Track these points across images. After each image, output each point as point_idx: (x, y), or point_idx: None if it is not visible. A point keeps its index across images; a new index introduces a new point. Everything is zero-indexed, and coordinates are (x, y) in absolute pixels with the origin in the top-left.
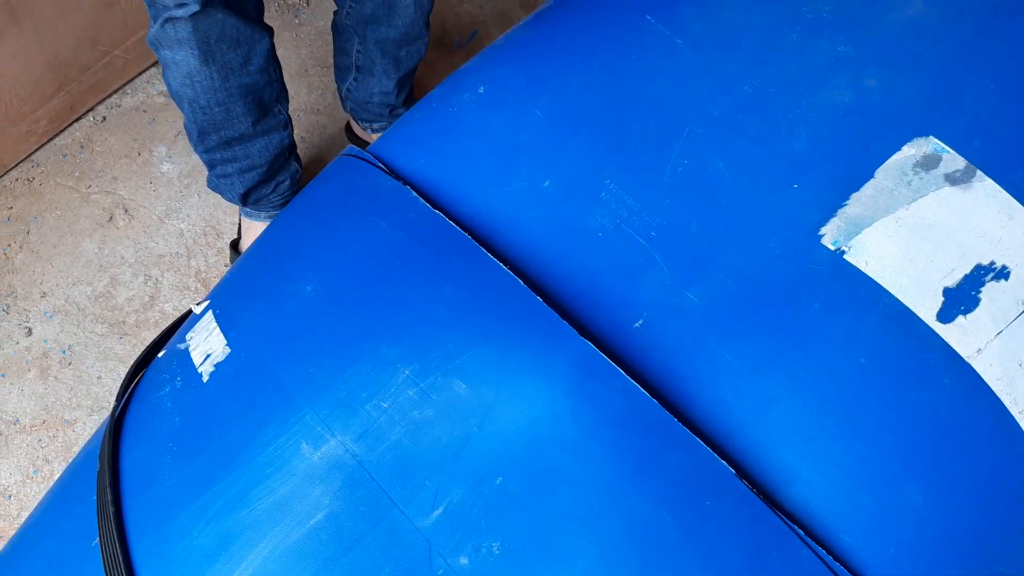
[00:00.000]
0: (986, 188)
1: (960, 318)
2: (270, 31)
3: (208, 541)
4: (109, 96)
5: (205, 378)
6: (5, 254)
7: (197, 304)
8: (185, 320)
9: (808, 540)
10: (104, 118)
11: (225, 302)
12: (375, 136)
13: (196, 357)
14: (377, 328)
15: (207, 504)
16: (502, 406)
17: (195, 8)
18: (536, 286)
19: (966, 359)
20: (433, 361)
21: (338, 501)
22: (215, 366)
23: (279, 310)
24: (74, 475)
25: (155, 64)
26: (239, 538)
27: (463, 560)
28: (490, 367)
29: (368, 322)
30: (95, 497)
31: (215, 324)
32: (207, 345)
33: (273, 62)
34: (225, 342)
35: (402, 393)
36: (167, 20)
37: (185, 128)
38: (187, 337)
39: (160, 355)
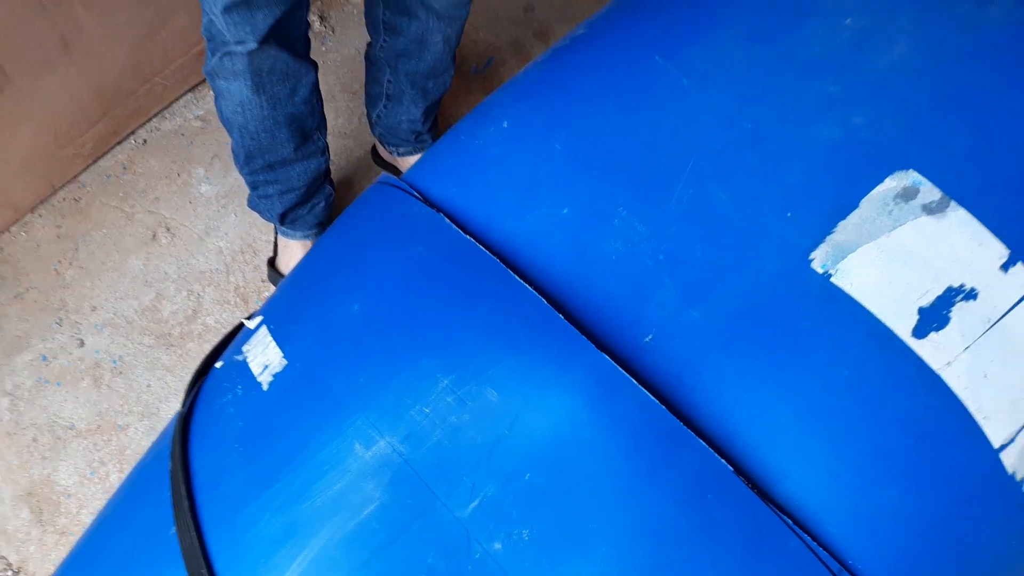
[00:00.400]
0: (959, 217)
1: (932, 334)
2: (315, 66)
3: (274, 530)
4: (149, 120)
5: (265, 387)
6: (56, 271)
7: (249, 319)
8: (237, 334)
9: (797, 530)
10: (145, 141)
11: (279, 318)
12: (400, 159)
13: (255, 368)
14: (418, 342)
15: (272, 498)
16: (529, 411)
17: (252, 46)
18: (557, 304)
19: (937, 371)
20: (468, 372)
21: (387, 495)
22: (273, 376)
23: (330, 326)
24: (144, 473)
25: (192, 90)
26: (301, 527)
27: (497, 545)
28: (518, 377)
29: (410, 337)
30: (168, 492)
31: (271, 338)
32: (264, 357)
33: (316, 94)
34: (282, 354)
35: (441, 400)
36: (225, 54)
37: (233, 151)
38: (244, 349)
39: (218, 366)
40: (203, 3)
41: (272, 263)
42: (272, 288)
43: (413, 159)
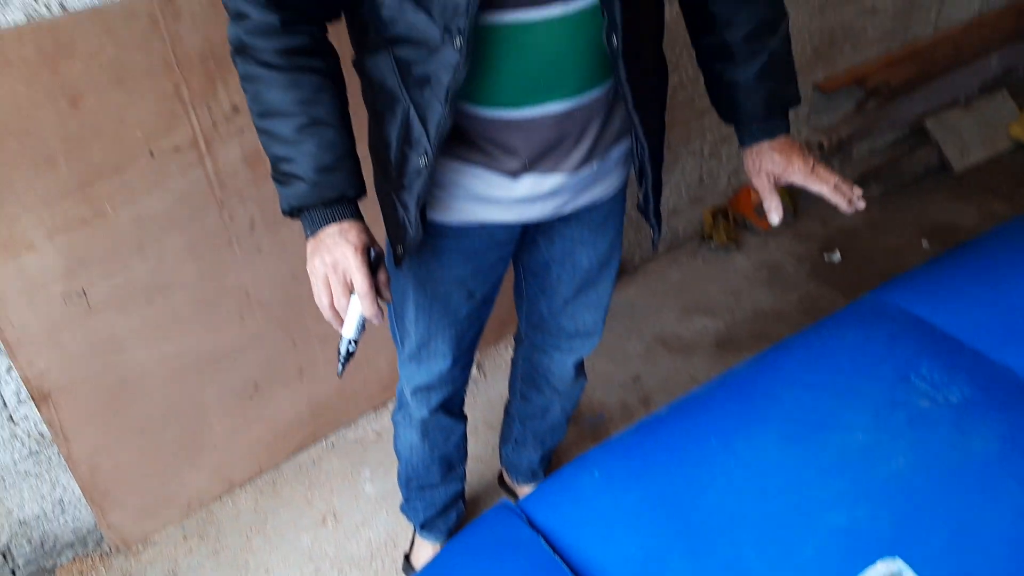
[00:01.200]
0: None
1: None
2: (466, 420)
3: None
4: (339, 429)
5: None
6: (247, 536)
7: None
8: None
9: None
10: (333, 444)
11: None
12: (519, 487)
13: None
14: None
15: None
16: None
17: (425, 414)
18: None
19: None
20: None
21: None
22: None
23: None
24: None
25: (374, 409)
26: None
27: None
28: None
29: None
30: None
31: None
32: None
33: (464, 440)
34: None
35: None
36: (407, 413)
37: (397, 471)
38: None
39: None
40: (401, 378)
41: (407, 557)
42: None
43: (528, 487)
